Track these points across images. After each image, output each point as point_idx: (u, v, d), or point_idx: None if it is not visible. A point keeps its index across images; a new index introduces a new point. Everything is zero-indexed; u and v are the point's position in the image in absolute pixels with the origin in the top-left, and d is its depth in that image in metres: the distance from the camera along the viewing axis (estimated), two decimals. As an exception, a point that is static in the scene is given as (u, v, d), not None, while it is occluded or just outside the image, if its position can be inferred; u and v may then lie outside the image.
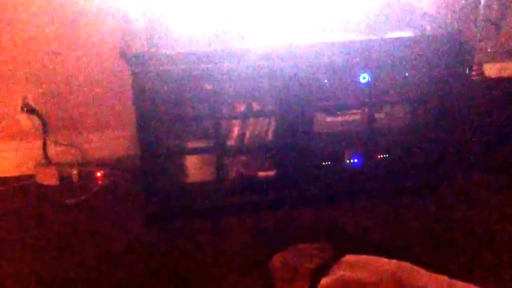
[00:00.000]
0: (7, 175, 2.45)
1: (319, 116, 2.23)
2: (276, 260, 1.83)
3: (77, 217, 2.25)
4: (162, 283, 1.97)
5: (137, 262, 2.04)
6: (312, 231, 2.20)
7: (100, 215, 2.27)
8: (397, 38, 2.18)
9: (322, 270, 1.72)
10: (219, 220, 2.24)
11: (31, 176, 2.43)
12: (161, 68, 2.00)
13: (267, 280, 1.89)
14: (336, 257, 1.73)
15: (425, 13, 2.39)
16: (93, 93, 2.46)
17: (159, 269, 2.02)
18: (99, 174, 2.46)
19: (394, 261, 1.66)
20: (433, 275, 1.60)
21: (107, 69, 2.42)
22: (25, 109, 2.39)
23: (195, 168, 2.30)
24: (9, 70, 2.37)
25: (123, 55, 2.00)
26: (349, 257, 1.71)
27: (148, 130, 2.10)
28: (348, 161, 2.33)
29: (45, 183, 2.41)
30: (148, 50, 2.00)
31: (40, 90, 2.41)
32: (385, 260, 1.66)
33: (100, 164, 2.50)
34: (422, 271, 1.62)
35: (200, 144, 2.23)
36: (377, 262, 1.66)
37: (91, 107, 2.48)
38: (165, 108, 2.10)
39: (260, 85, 2.14)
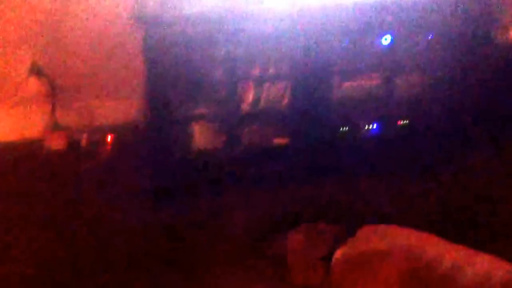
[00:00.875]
0: (15, 139, 2.40)
1: (337, 81, 2.14)
2: (291, 238, 1.80)
3: (85, 183, 2.20)
4: (170, 252, 1.92)
5: (145, 232, 2.00)
6: (326, 204, 2.12)
7: (108, 182, 2.22)
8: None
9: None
10: (230, 190, 2.17)
11: (39, 141, 2.38)
12: (175, 29, 1.92)
13: (276, 257, 1.87)
14: (348, 236, 1.68)
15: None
16: (103, 57, 2.39)
17: (167, 238, 1.97)
18: (108, 140, 2.40)
19: (409, 229, 1.63)
20: (449, 244, 1.56)
21: (117, 34, 2.34)
22: (34, 72, 2.33)
23: (207, 135, 2.23)
24: (18, 33, 2.30)
25: (136, 16, 1.93)
26: (364, 228, 1.68)
27: (159, 96, 2.04)
28: (365, 128, 2.24)
29: (54, 148, 2.36)
30: (162, 12, 1.92)
31: (49, 54, 2.34)
32: (400, 229, 1.64)
33: (109, 130, 2.44)
34: (437, 239, 1.59)
35: (213, 110, 2.16)
36: (392, 232, 1.63)
37: (100, 72, 2.41)
38: (177, 72, 2.03)
39: (276, 48, 2.07)
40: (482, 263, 1.47)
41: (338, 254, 1.64)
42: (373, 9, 2.04)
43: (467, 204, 2.12)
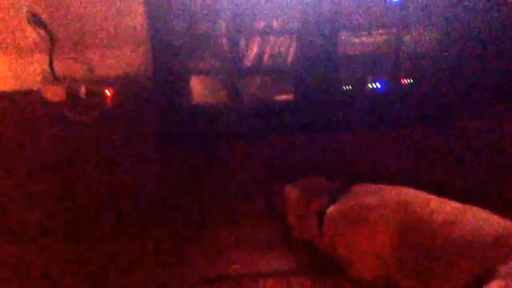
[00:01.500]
0: (12, 89, 2.36)
1: (344, 36, 2.10)
2: (288, 192, 1.79)
3: (85, 136, 2.17)
4: (171, 206, 1.91)
5: (147, 185, 1.98)
6: (328, 159, 2.11)
7: (109, 135, 2.18)
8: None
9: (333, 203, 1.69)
10: (232, 143, 2.15)
11: (37, 92, 2.34)
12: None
13: (275, 209, 1.85)
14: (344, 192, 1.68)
15: None
16: (103, 6, 2.32)
17: (169, 192, 1.95)
18: (107, 92, 2.35)
19: (400, 187, 1.63)
20: (443, 200, 1.56)
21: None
22: (32, 21, 2.27)
23: (210, 89, 2.19)
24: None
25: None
26: (355, 186, 1.68)
27: (163, 48, 1.99)
28: (370, 86, 2.21)
29: (51, 99, 2.32)
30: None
31: (48, 2, 2.28)
32: (391, 186, 1.63)
33: (109, 82, 2.39)
34: (429, 196, 1.58)
35: (216, 63, 2.11)
36: (383, 189, 1.63)
37: (101, 22, 2.35)
38: (180, 24, 1.98)
39: (281, 1, 2.01)
40: (475, 219, 1.48)
41: (331, 208, 1.65)
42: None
43: (465, 162, 2.11)
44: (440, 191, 1.60)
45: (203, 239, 1.80)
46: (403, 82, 2.22)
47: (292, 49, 2.11)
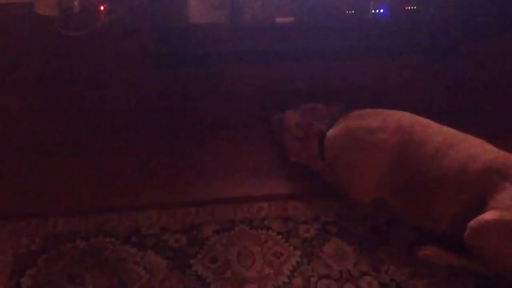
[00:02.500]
0: (6, 1, 2.27)
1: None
2: (290, 117, 1.79)
3: (79, 51, 2.12)
4: (165, 126, 1.91)
5: (142, 104, 1.96)
6: (327, 86, 2.09)
7: (103, 52, 2.13)
8: None
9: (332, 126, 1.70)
10: (230, 66, 2.10)
11: (29, 4, 2.25)
12: None
13: (273, 135, 1.86)
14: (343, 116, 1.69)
15: None
16: None
17: (164, 113, 1.94)
18: (102, 8, 2.27)
19: (400, 111, 1.64)
20: (439, 127, 1.58)
21: None
22: None
23: (210, 8, 2.12)
24: None
25: None
26: (356, 111, 1.69)
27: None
28: (373, 11, 2.15)
29: (45, 13, 2.24)
30: None
31: None
32: (391, 111, 1.65)
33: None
34: (427, 121, 1.60)
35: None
36: (382, 113, 1.65)
37: None
38: None
39: None
40: (469, 146, 1.51)
41: (332, 130, 1.67)
42: None
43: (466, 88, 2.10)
44: (440, 117, 1.61)
45: (198, 163, 1.80)
46: (406, 8, 2.16)
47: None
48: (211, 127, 1.92)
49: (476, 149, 1.50)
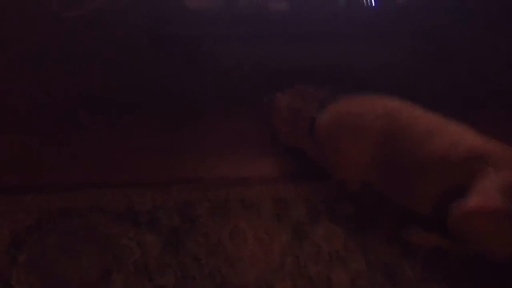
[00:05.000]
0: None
1: None
2: (279, 100, 1.81)
3: (74, 32, 2.13)
4: (160, 106, 1.93)
5: (138, 83, 1.97)
6: (317, 71, 2.09)
7: (101, 32, 2.14)
8: None
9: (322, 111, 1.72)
10: (224, 47, 2.13)
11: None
12: None
13: (264, 117, 1.88)
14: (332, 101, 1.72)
15: None
16: None
17: (159, 92, 1.96)
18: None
19: (387, 97, 1.67)
20: (425, 112, 1.61)
21: None
22: None
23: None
24: None
25: None
26: (345, 95, 1.72)
27: None
28: (365, 1, 2.18)
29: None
30: None
31: None
32: (379, 96, 1.67)
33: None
34: (414, 107, 1.63)
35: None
36: (371, 99, 1.68)
37: None
38: None
39: None
40: (452, 132, 1.54)
41: (323, 114, 1.70)
42: None
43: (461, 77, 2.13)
44: (426, 101, 1.64)
45: (192, 141, 1.83)
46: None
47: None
48: (205, 106, 1.94)
49: (459, 135, 1.54)
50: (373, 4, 2.18)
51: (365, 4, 2.17)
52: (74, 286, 1.45)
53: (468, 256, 1.49)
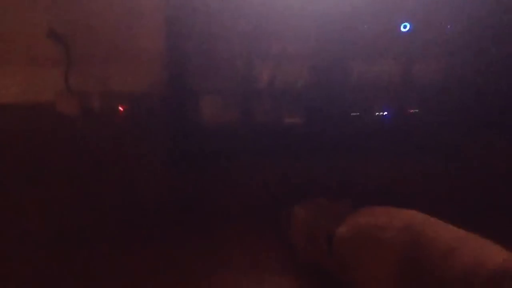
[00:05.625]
0: (25, 101, 2.38)
1: (354, 63, 2.15)
2: (296, 214, 1.81)
3: (96, 149, 2.20)
4: (176, 224, 1.95)
5: (156, 202, 2.00)
6: (333, 184, 2.14)
7: (120, 150, 2.21)
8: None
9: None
10: (239, 161, 2.17)
11: (51, 104, 2.36)
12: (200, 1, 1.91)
13: (279, 232, 1.90)
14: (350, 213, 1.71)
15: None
16: (123, 23, 2.35)
17: (176, 210, 1.98)
18: (120, 108, 2.38)
19: (406, 210, 1.64)
20: (450, 227, 1.57)
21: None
22: (51, 35, 2.29)
23: (220, 109, 2.23)
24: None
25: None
26: (363, 208, 1.71)
27: (177, 66, 2.03)
28: (377, 113, 2.25)
29: (65, 112, 2.34)
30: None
31: (68, 17, 2.31)
32: (398, 209, 1.65)
33: (122, 98, 2.42)
34: (438, 221, 1.60)
35: (228, 84, 2.16)
36: (391, 211, 1.66)
37: (119, 38, 2.38)
38: (196, 42, 2.02)
39: (296, 27, 2.06)
40: (476, 248, 1.48)
41: (341, 229, 1.68)
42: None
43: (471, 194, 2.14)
44: (444, 216, 1.61)
45: (205, 259, 1.83)
46: (410, 111, 2.27)
47: (303, 74, 2.16)
48: (218, 220, 1.95)
49: (483, 251, 1.47)
50: (387, 116, 2.25)
51: (377, 115, 2.24)
52: None
53: None
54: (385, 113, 2.25)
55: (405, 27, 2.08)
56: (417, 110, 2.27)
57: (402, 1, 2.04)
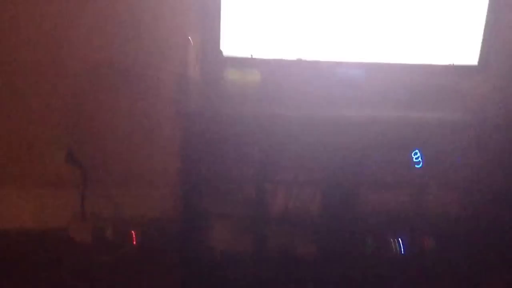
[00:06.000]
0: (40, 226, 2.39)
1: (366, 192, 2.16)
2: None
3: (109, 276, 2.18)
4: None
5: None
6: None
7: (133, 276, 2.19)
8: (453, 120, 2.13)
9: None
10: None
11: (64, 230, 2.36)
12: (213, 126, 1.96)
13: None
14: None
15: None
16: (138, 147, 2.42)
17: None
18: (133, 233, 2.38)
19: None
20: None
21: (154, 126, 2.39)
22: (69, 159, 2.35)
23: (234, 235, 2.22)
24: (54, 119, 2.36)
25: (179, 112, 1.98)
26: None
27: (191, 191, 2.05)
28: (392, 243, 2.23)
29: (78, 239, 2.34)
30: (205, 110, 1.97)
31: (83, 141, 2.39)
32: None
33: (135, 223, 2.43)
34: None
35: (242, 210, 2.16)
36: None
37: (134, 163, 2.44)
38: (210, 168, 2.06)
39: (308, 154, 2.10)
40: None
41: None
42: (406, 127, 2.09)
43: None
44: None
45: None
46: (424, 242, 2.24)
47: (315, 202, 2.16)
48: None
49: None
50: (401, 251, 2.22)
51: (393, 250, 2.22)
52: None
53: None
54: (399, 242, 2.22)
55: (416, 158, 2.11)
56: (432, 240, 2.24)
57: (413, 132, 2.08)
